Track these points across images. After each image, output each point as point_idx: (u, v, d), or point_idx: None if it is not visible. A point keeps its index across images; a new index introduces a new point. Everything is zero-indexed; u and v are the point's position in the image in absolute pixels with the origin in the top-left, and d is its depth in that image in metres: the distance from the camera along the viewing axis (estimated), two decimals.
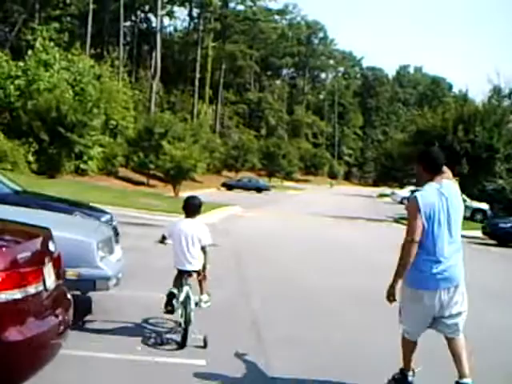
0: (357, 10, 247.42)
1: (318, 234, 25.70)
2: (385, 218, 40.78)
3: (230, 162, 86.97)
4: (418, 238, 5.86)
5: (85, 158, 48.85)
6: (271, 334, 8.60)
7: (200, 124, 76.56)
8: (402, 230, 6.60)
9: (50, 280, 5.17)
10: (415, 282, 6.02)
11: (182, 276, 7.79)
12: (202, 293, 8.10)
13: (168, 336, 7.90)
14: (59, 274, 5.58)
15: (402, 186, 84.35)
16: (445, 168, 6.22)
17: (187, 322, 7.46)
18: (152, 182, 57.12)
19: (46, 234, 5.53)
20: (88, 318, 8.38)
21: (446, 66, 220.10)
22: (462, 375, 5.99)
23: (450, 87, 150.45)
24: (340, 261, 17.68)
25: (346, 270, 15.66)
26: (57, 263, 5.53)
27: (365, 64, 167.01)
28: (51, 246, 5.44)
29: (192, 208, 8.09)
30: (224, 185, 71.25)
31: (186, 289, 7.62)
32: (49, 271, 5.17)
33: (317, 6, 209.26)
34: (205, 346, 7.47)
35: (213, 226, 25.32)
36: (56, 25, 55.89)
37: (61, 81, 45.57)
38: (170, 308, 7.65)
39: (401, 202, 59.85)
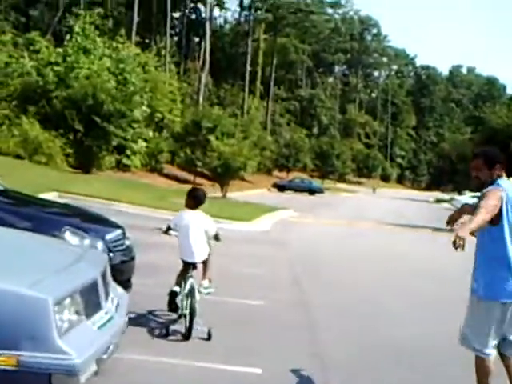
0: (408, 6, 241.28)
1: (385, 248, 21.10)
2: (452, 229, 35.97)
3: (281, 162, 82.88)
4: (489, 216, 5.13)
5: (127, 152, 45.59)
6: None
7: (250, 119, 72.77)
8: None
9: None
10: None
11: (187, 268, 7.80)
12: (203, 278, 7.99)
13: (173, 327, 7.56)
14: None
15: (459, 191, 79.92)
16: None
17: (192, 313, 7.35)
18: (199, 180, 53.53)
19: None
20: None
21: (499, 67, 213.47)
22: None
23: (504, 88, 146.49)
24: (433, 296, 12.29)
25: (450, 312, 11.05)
26: None
27: (418, 63, 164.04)
28: None
29: (196, 200, 8.03)
30: (275, 185, 67.26)
31: (190, 281, 7.59)
32: None
33: (369, 0, 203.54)
34: (209, 339, 7.39)
35: (266, 234, 21.47)
36: (100, 10, 52.35)
37: (102, 68, 41.96)
38: (173, 306, 7.64)
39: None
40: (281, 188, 66.23)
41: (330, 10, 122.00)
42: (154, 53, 58.20)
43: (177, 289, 7.66)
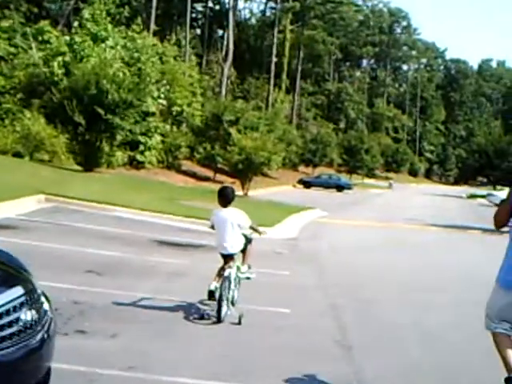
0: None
1: (443, 260, 17.24)
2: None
3: (307, 157, 78.98)
4: None
5: (141, 148, 42.31)
6: None
7: (275, 113, 69.13)
8: None
9: None
10: None
11: (225, 261, 8.61)
12: (243, 263, 8.97)
13: (208, 312, 8.40)
14: None
15: (495, 186, 76.40)
16: None
17: (221, 301, 8.08)
18: (219, 177, 50.16)
19: None
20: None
21: None
22: None
23: None
24: None
25: None
26: None
27: (448, 56, 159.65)
28: None
29: (225, 198, 8.71)
30: (301, 182, 63.32)
31: (227, 271, 8.39)
32: None
33: None
34: (239, 323, 8.07)
35: (292, 244, 17.86)
36: None
37: (115, 58, 38.56)
38: (212, 299, 8.32)
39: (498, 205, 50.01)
40: (307, 184, 62.39)
41: (359, 2, 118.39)
42: (172, 42, 54.93)
43: (213, 286, 8.34)
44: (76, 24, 42.32)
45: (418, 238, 23.35)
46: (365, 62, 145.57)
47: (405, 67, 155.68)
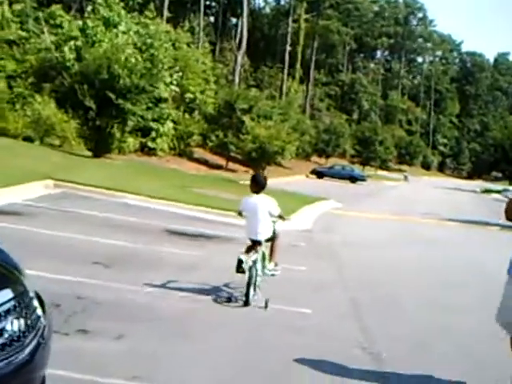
0: None
1: (464, 257, 16.54)
2: None
3: (320, 147, 78.17)
4: None
5: (153, 134, 41.67)
6: None
7: (289, 102, 68.34)
8: None
9: None
10: None
11: (253, 245, 8.81)
12: (270, 260, 9.22)
13: (236, 295, 8.66)
14: None
15: (510, 181, 75.74)
16: None
17: (249, 283, 8.35)
18: (232, 165, 49.52)
19: None
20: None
21: None
22: None
23: None
24: None
25: None
26: None
27: (464, 49, 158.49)
28: None
29: (258, 185, 9.03)
30: (314, 172, 62.55)
31: (254, 256, 8.57)
32: None
33: None
34: (266, 307, 8.20)
35: (307, 235, 17.14)
36: None
37: (127, 43, 37.82)
38: (240, 270, 8.37)
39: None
40: (320, 175, 61.59)
41: None
42: (185, 29, 54.22)
43: (243, 257, 8.42)
44: (89, 9, 41.65)
45: (436, 233, 22.53)
46: (379, 53, 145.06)
47: (420, 59, 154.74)
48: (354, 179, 61.47)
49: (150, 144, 42.00)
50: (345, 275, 11.80)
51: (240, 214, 9.24)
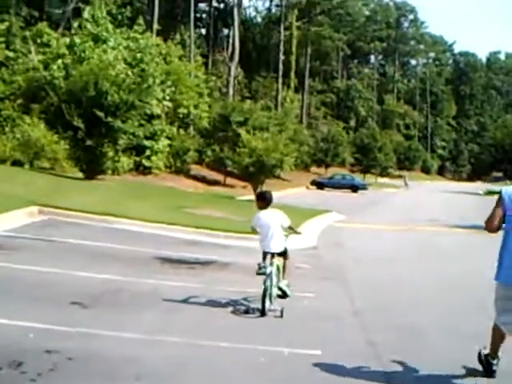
0: None
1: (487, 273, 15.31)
2: None
3: (318, 157, 77.00)
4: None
5: (147, 152, 40.60)
6: None
7: (285, 112, 67.29)
8: None
9: None
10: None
11: (266, 257, 9.12)
12: (283, 277, 9.46)
13: (253, 306, 8.96)
14: None
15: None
16: None
17: (265, 294, 8.66)
18: (230, 180, 48.40)
19: None
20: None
21: None
22: None
23: None
24: None
25: None
26: None
27: (456, 49, 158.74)
28: None
29: (266, 201, 9.54)
30: (314, 183, 61.43)
31: (270, 268, 8.92)
32: None
33: None
34: (281, 316, 8.58)
35: (313, 254, 15.98)
36: None
37: (117, 58, 36.74)
38: (260, 272, 8.87)
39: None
40: (320, 185, 60.50)
41: None
42: (176, 42, 53.19)
43: (261, 263, 9.00)
44: (76, 25, 40.69)
45: (448, 242, 21.37)
46: (373, 57, 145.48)
47: (413, 62, 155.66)
48: (355, 188, 60.34)
49: (145, 162, 40.99)
50: (357, 302, 10.59)
51: (253, 229, 9.60)
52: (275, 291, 9.03)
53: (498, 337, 6.56)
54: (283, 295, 9.36)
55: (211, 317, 8.61)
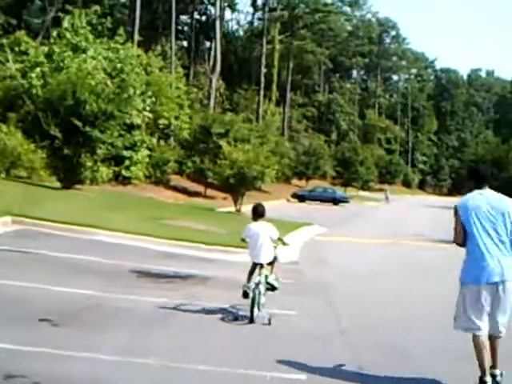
0: (425, 8, 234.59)
1: None
2: None
3: (299, 169, 76.75)
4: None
5: (126, 163, 40.06)
6: None
7: (267, 125, 66.97)
8: None
9: None
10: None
11: (255, 268, 9.68)
12: (271, 273, 9.88)
13: (241, 314, 9.23)
14: None
15: None
16: None
17: (253, 302, 8.98)
18: (210, 192, 47.90)
19: None
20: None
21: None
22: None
23: None
24: None
25: None
26: None
27: (438, 66, 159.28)
28: None
29: (258, 214, 9.91)
30: (295, 196, 61.05)
31: (257, 278, 9.32)
32: None
33: (387, 2, 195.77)
34: (269, 324, 8.87)
35: (295, 267, 15.52)
36: (97, 7, 46.77)
37: (96, 68, 36.20)
38: (246, 297, 9.20)
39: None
40: (301, 198, 60.15)
41: (348, 10, 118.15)
42: (157, 53, 52.73)
43: (247, 289, 9.24)
44: (55, 34, 40.11)
45: (432, 257, 20.96)
46: (355, 72, 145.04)
47: (395, 77, 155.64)
48: (336, 201, 60.11)
49: (124, 173, 40.41)
50: (343, 320, 10.12)
51: (243, 240, 9.94)
52: (263, 300, 9.32)
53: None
54: (272, 288, 9.70)
55: (190, 335, 8.13)
